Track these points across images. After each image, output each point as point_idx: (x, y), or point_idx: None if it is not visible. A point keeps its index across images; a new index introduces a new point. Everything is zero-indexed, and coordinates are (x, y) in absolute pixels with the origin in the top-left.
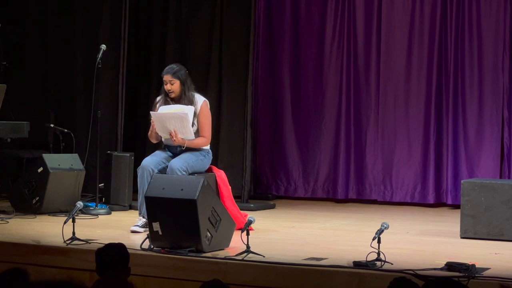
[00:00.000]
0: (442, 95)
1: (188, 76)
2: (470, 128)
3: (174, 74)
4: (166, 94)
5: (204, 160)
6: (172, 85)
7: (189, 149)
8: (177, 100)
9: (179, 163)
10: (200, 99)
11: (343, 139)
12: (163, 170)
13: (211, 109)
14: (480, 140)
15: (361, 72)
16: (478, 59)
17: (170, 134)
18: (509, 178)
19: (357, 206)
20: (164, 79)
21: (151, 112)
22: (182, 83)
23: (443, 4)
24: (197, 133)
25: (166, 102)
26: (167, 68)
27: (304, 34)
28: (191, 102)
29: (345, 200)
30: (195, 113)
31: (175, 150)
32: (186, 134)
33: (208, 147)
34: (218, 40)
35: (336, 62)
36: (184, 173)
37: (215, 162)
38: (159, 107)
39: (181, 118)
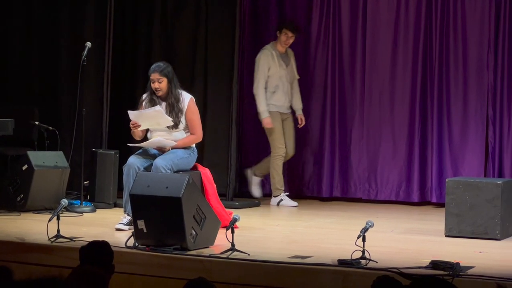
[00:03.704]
0: (427, 93)
1: (174, 73)
2: (454, 126)
3: (162, 72)
4: (153, 92)
5: (189, 158)
6: (160, 83)
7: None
8: (163, 99)
9: (163, 162)
10: (186, 97)
11: (328, 138)
12: (149, 168)
13: None
14: (464, 139)
15: (346, 71)
16: (462, 58)
17: (158, 149)
18: (493, 176)
19: (342, 205)
20: (151, 77)
21: (128, 111)
22: (169, 81)
23: (428, 3)
24: (186, 130)
25: (151, 101)
26: (154, 66)
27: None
28: (177, 100)
29: (330, 199)
30: (182, 111)
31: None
32: (165, 123)
33: (193, 145)
34: (203, 39)
35: (321, 61)
36: (168, 171)
37: (200, 160)
38: (145, 105)
39: (155, 113)
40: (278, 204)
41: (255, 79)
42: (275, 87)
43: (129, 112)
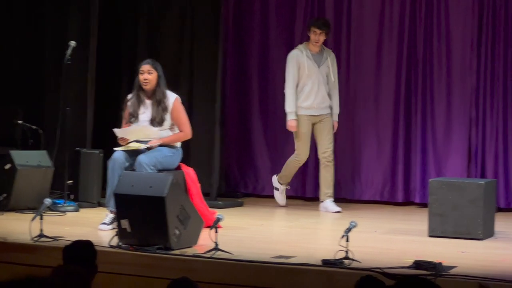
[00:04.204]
0: (411, 94)
1: (163, 73)
2: (438, 127)
3: (153, 65)
4: (140, 88)
5: (173, 157)
6: (150, 74)
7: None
8: (149, 96)
9: (147, 158)
10: (171, 96)
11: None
12: (134, 163)
13: None
14: (448, 140)
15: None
16: (446, 60)
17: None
18: (476, 177)
19: None
20: (141, 69)
21: (114, 129)
22: (159, 76)
23: (412, 5)
24: (171, 129)
25: (138, 97)
26: (145, 60)
27: (273, 34)
28: (164, 96)
29: (314, 199)
30: (167, 108)
31: (143, 142)
32: (153, 134)
33: (179, 145)
34: (188, 39)
35: None
36: (152, 168)
37: (184, 159)
38: (130, 105)
39: (141, 128)
40: (273, 190)
41: (285, 79)
42: (304, 88)
43: (115, 130)
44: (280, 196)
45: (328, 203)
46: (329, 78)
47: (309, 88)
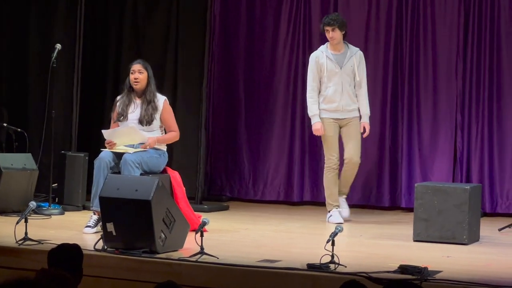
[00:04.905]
0: (397, 98)
1: (153, 74)
2: (424, 131)
3: (144, 65)
4: (130, 88)
5: (159, 159)
6: (141, 74)
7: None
8: (139, 95)
9: (133, 156)
10: (161, 98)
11: (297, 142)
12: (120, 163)
13: None
14: (434, 144)
15: None
16: (432, 64)
17: (142, 147)
18: (461, 181)
19: (311, 209)
20: (132, 68)
21: (102, 131)
22: (149, 77)
23: (398, 9)
24: (160, 130)
25: (128, 97)
26: (136, 60)
27: (259, 37)
28: (154, 96)
29: (300, 203)
30: (157, 109)
31: (132, 146)
32: (140, 139)
33: (164, 148)
34: (173, 42)
35: (289, 66)
36: (137, 166)
37: (169, 163)
38: (119, 105)
39: (129, 130)
40: (328, 220)
41: (307, 82)
42: (327, 90)
43: (103, 131)
44: (337, 216)
45: (343, 203)
46: (356, 78)
47: (332, 90)
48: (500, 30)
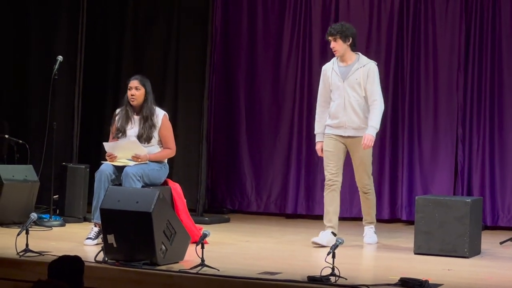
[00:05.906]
0: (398, 111)
1: (151, 89)
2: (425, 144)
3: (141, 81)
4: (128, 103)
5: (160, 172)
6: (137, 90)
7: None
8: (137, 111)
9: (134, 169)
10: (160, 113)
11: (294, 154)
12: (121, 176)
13: None
14: (434, 157)
15: (315, 88)
16: (433, 76)
17: (133, 159)
18: (462, 194)
19: (308, 222)
20: (130, 85)
21: (104, 143)
22: (146, 93)
23: (399, 23)
24: (159, 145)
25: (126, 113)
26: (134, 76)
27: (260, 49)
28: (152, 114)
29: (295, 216)
30: (155, 126)
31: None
32: (141, 153)
33: (165, 160)
34: (174, 54)
35: (291, 77)
36: (138, 178)
37: (170, 175)
38: (118, 119)
39: (131, 144)
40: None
41: None
42: (332, 104)
43: (104, 144)
44: (321, 237)
45: (366, 231)
46: (362, 92)
47: (335, 105)
48: (501, 43)
